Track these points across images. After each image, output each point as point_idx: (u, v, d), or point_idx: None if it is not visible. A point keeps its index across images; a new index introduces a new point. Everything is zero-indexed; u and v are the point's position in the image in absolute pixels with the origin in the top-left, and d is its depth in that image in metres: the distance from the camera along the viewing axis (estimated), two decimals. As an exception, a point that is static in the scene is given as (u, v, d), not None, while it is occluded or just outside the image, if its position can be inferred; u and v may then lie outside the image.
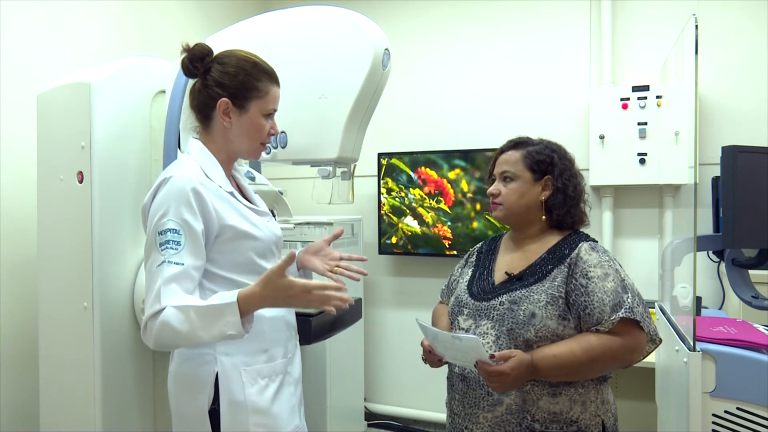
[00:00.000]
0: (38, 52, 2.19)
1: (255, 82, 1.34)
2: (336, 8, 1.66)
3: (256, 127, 1.36)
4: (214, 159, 1.36)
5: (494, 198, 1.47)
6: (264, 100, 1.35)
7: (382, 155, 3.16)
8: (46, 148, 1.83)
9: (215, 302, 1.18)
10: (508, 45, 3.05)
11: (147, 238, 1.27)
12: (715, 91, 2.66)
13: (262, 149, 1.43)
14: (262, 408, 1.32)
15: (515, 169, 1.45)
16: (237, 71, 1.32)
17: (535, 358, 1.26)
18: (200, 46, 1.34)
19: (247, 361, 1.32)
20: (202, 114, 1.37)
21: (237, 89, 1.32)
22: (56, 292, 1.81)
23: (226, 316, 1.16)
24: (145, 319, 1.21)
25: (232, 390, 1.30)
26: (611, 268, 1.33)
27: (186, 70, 1.35)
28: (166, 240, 1.22)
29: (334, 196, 1.85)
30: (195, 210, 1.24)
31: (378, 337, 3.37)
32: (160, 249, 1.22)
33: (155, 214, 1.25)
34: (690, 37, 1.63)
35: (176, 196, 1.23)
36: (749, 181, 1.82)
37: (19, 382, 2.09)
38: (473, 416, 1.36)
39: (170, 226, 1.22)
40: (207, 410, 1.29)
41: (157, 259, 1.22)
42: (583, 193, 1.47)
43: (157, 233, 1.23)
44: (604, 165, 2.70)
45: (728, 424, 1.53)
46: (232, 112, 1.33)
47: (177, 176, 1.26)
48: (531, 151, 1.45)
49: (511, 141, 1.52)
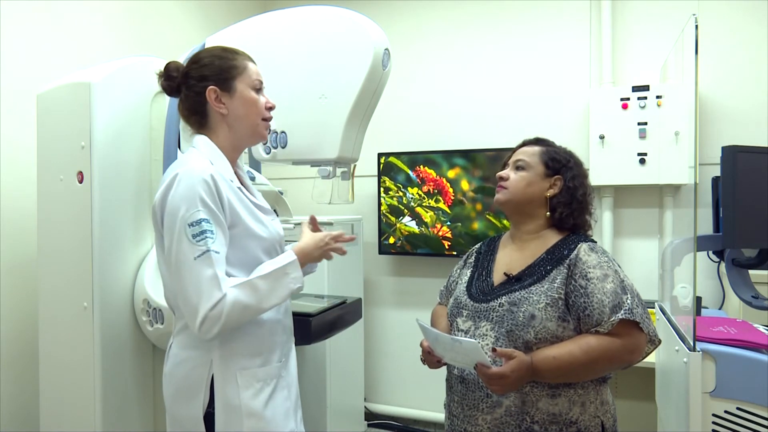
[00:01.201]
0: (38, 52, 2.19)
1: (230, 61, 1.37)
2: (336, 8, 1.66)
3: (250, 101, 1.37)
4: (221, 153, 1.37)
5: (502, 181, 1.47)
6: (246, 75, 1.38)
7: (381, 155, 3.16)
8: (46, 148, 1.83)
9: (277, 265, 1.31)
10: (508, 45, 3.05)
11: (169, 234, 1.25)
12: (715, 91, 2.66)
13: (265, 126, 1.42)
14: (256, 411, 1.31)
15: (530, 160, 1.46)
16: (211, 59, 1.37)
17: (534, 360, 1.26)
18: (170, 64, 1.39)
19: (242, 364, 1.32)
20: (196, 115, 1.38)
21: (218, 74, 1.35)
22: (56, 292, 1.81)
23: (290, 273, 1.32)
24: (204, 312, 1.20)
25: (227, 394, 1.29)
26: (610, 269, 1.33)
27: (167, 89, 1.39)
28: (202, 231, 1.22)
29: (334, 196, 1.85)
30: (216, 200, 1.26)
31: (378, 337, 3.37)
32: (196, 240, 1.21)
33: (178, 208, 1.23)
34: (690, 37, 1.63)
35: (197, 188, 1.23)
36: (749, 181, 1.81)
37: (19, 382, 2.09)
38: (472, 418, 1.36)
39: (201, 216, 1.23)
40: (202, 414, 1.29)
41: (192, 250, 1.21)
42: (590, 204, 1.47)
43: (187, 226, 1.22)
44: (604, 165, 2.70)
45: (728, 424, 1.52)
46: (223, 97, 1.35)
47: (191, 169, 1.26)
48: (550, 150, 1.48)
49: (534, 137, 1.54)
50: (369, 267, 3.32)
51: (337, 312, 2.13)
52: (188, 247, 1.21)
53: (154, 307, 1.78)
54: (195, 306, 1.21)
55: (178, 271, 1.23)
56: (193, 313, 1.22)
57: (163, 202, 1.27)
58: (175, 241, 1.23)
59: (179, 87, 1.37)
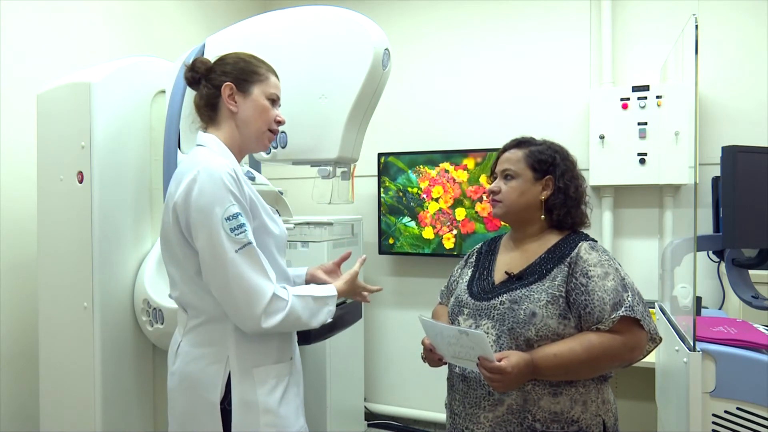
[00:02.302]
0: (38, 52, 2.19)
1: (254, 67, 1.41)
2: (336, 8, 1.66)
3: (261, 108, 1.39)
4: (228, 150, 1.37)
5: (494, 195, 1.47)
6: (265, 84, 1.41)
7: (381, 155, 3.17)
8: (46, 148, 1.83)
9: (323, 293, 1.39)
10: (508, 45, 3.06)
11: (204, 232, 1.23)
12: (715, 91, 2.66)
13: (270, 137, 1.44)
14: (272, 408, 1.32)
15: (517, 168, 1.45)
16: (237, 60, 1.41)
17: (535, 358, 1.26)
18: (198, 58, 1.44)
19: (258, 361, 1.33)
20: (207, 107, 1.40)
21: (239, 73, 1.39)
22: (56, 292, 1.81)
23: (329, 305, 1.40)
24: (265, 303, 1.24)
25: (244, 390, 1.30)
26: (611, 267, 1.33)
27: (189, 80, 1.42)
28: (239, 224, 1.24)
29: (334, 196, 1.85)
30: (243, 193, 1.28)
31: (378, 337, 3.37)
32: (235, 234, 1.23)
33: (211, 205, 1.23)
34: (690, 37, 1.63)
35: (225, 182, 1.24)
36: (749, 181, 1.82)
37: (19, 382, 2.09)
38: (474, 416, 1.36)
39: (237, 210, 1.24)
40: (219, 409, 1.29)
41: (233, 244, 1.22)
42: (584, 195, 1.47)
43: (224, 220, 1.22)
44: (604, 165, 2.70)
45: (728, 424, 1.53)
46: (237, 95, 1.38)
47: (212, 165, 1.26)
48: (533, 151, 1.46)
49: (514, 140, 1.52)
50: (369, 267, 3.32)
51: (337, 312, 2.13)
52: (228, 241, 1.22)
53: (154, 307, 1.78)
54: (250, 299, 1.24)
55: (221, 268, 1.23)
56: (248, 306, 1.24)
57: (188, 201, 1.25)
58: (213, 238, 1.23)
59: (200, 79, 1.40)
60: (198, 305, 1.33)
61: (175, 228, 1.29)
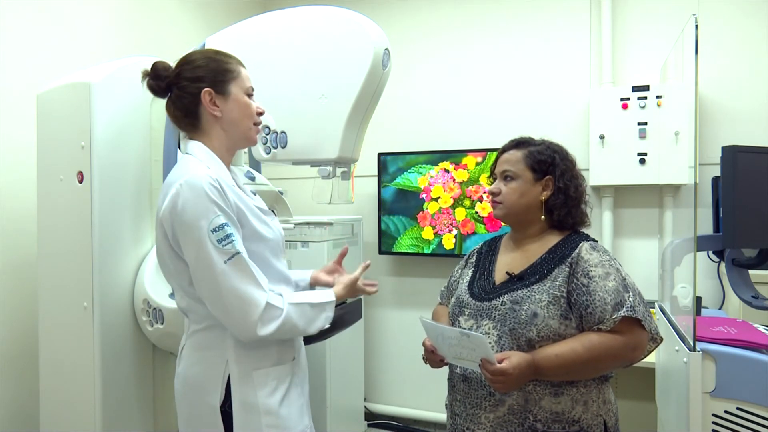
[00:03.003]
0: (38, 52, 2.18)
1: (225, 65, 1.36)
2: (336, 8, 1.66)
3: (244, 105, 1.37)
4: (217, 157, 1.35)
5: (494, 197, 1.47)
6: (240, 79, 1.37)
7: (381, 155, 3.16)
8: (46, 148, 1.83)
9: (321, 299, 1.38)
10: (508, 45, 3.05)
11: (191, 245, 1.23)
12: (715, 91, 2.66)
13: (256, 131, 1.42)
14: (273, 409, 1.32)
15: (516, 169, 1.45)
16: (206, 61, 1.35)
17: (537, 358, 1.26)
18: (158, 64, 1.36)
19: (257, 363, 1.33)
20: (188, 117, 1.35)
21: (214, 75, 1.33)
22: (56, 292, 1.81)
23: (326, 311, 1.39)
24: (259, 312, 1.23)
25: (244, 392, 1.30)
26: (612, 267, 1.33)
27: (154, 89, 1.35)
28: (226, 235, 1.22)
29: (334, 196, 1.85)
30: (226, 202, 1.25)
31: (378, 337, 3.37)
32: (222, 245, 1.21)
33: (196, 218, 1.21)
34: (690, 37, 1.63)
35: (207, 193, 1.22)
36: (749, 181, 1.82)
37: (19, 382, 2.09)
38: (475, 416, 1.36)
39: (222, 221, 1.22)
40: (219, 411, 1.29)
41: (221, 255, 1.21)
42: (584, 195, 1.47)
43: (210, 232, 1.20)
44: (604, 165, 2.70)
45: (728, 424, 1.53)
46: (218, 100, 1.33)
47: (194, 176, 1.24)
48: (533, 151, 1.45)
49: (513, 141, 1.52)
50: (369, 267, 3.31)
51: (337, 312, 2.12)
52: (216, 253, 1.21)
53: (154, 307, 1.78)
54: (243, 309, 1.23)
55: (212, 280, 1.22)
56: (242, 316, 1.23)
57: (173, 215, 1.24)
58: (201, 251, 1.21)
59: (168, 87, 1.34)
60: (198, 312, 1.32)
61: (165, 242, 1.29)
